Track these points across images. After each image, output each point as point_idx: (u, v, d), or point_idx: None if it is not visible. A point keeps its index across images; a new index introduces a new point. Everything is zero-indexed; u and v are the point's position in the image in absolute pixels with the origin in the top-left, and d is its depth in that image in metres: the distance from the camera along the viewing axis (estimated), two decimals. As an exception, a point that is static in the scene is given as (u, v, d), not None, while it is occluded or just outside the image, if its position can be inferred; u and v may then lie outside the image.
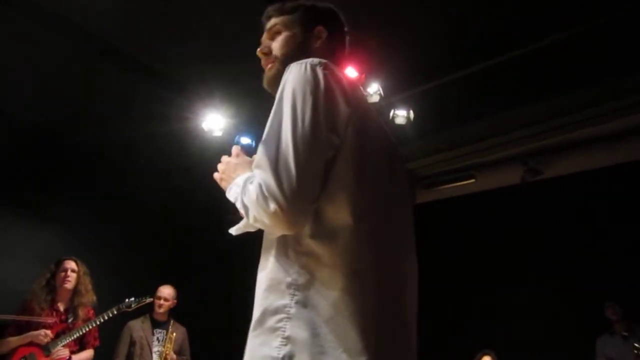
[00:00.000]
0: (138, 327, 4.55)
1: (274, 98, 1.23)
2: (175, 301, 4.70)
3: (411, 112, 4.11)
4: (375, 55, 3.53)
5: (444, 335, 4.65)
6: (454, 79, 3.86)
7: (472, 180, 4.98)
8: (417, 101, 4.11)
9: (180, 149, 5.19)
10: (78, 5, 3.57)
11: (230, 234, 1.42)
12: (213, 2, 3.55)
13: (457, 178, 4.91)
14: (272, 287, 1.13)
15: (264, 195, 1.06)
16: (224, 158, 1.36)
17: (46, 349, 3.74)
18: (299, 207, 1.06)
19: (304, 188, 1.06)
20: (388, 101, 4.08)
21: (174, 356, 4.51)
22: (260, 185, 1.07)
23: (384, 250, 1.17)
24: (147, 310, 4.57)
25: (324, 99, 1.14)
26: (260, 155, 1.12)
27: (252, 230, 1.23)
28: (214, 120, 4.63)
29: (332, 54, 1.43)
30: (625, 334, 4.42)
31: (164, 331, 4.58)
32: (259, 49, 1.46)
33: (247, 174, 1.22)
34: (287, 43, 1.41)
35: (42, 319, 3.76)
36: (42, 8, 3.58)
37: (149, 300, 4.28)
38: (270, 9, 1.48)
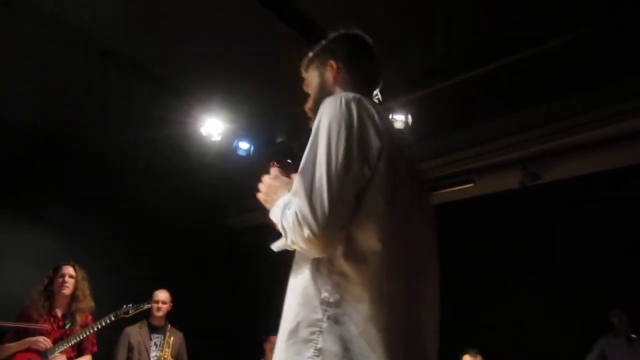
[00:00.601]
0: (135, 332, 4.54)
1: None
2: (171, 304, 4.71)
3: (409, 116, 4.11)
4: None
5: (442, 339, 4.62)
6: (452, 83, 3.86)
7: (471, 185, 4.98)
8: (416, 106, 4.11)
9: (179, 153, 5.20)
10: (77, 8, 3.57)
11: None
12: (213, 7, 3.55)
13: (456, 182, 4.91)
14: (305, 302, 1.24)
15: (299, 222, 1.17)
16: (265, 179, 1.46)
17: (44, 355, 3.72)
18: (329, 234, 1.17)
19: (335, 217, 1.16)
20: (386, 106, 4.08)
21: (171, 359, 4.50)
22: (296, 213, 1.19)
23: (409, 271, 1.26)
24: (144, 315, 4.56)
25: (358, 133, 1.24)
26: (297, 184, 1.23)
27: (291, 249, 1.31)
28: (212, 125, 4.63)
29: (352, 77, 1.53)
30: (633, 336, 4.37)
31: (162, 336, 4.57)
32: (305, 106, 1.60)
33: (287, 197, 1.31)
34: (313, 94, 1.57)
35: (38, 326, 3.74)
36: (42, 10, 3.58)
37: (147, 306, 4.26)
38: (302, 65, 1.64)
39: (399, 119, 4.09)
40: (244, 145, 4.86)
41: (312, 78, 1.59)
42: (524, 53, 3.58)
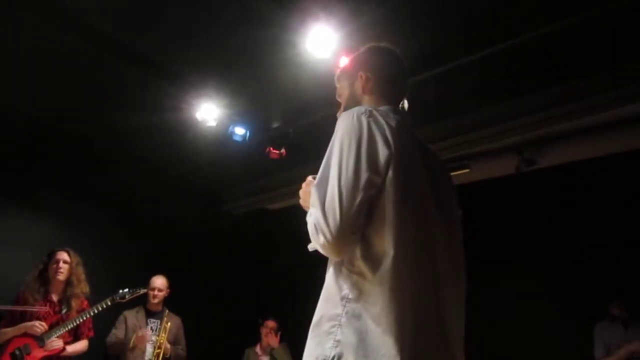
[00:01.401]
0: (132, 316, 4.57)
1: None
2: (168, 290, 4.72)
3: (405, 102, 4.09)
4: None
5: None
6: (448, 69, 3.84)
7: (467, 170, 4.97)
8: (411, 91, 4.09)
9: (174, 139, 5.17)
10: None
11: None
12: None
13: (452, 168, 4.90)
14: (328, 299, 1.38)
15: (316, 230, 1.34)
16: (303, 185, 1.59)
17: (40, 339, 3.74)
18: (342, 240, 1.31)
19: (346, 225, 1.30)
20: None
21: (168, 346, 4.52)
22: (314, 222, 1.35)
23: (423, 271, 1.36)
24: (142, 301, 4.58)
25: (367, 144, 1.36)
26: (314, 195, 1.38)
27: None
28: (207, 111, 4.60)
29: (380, 87, 1.67)
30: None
31: (158, 321, 4.59)
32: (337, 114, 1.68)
33: None
34: (344, 103, 1.72)
35: (36, 308, 3.77)
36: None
37: (142, 291, 4.28)
38: (336, 77, 1.79)
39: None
40: (239, 131, 4.84)
41: (343, 88, 1.74)
42: (520, 38, 3.56)
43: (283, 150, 4.84)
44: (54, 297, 3.98)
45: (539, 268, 4.87)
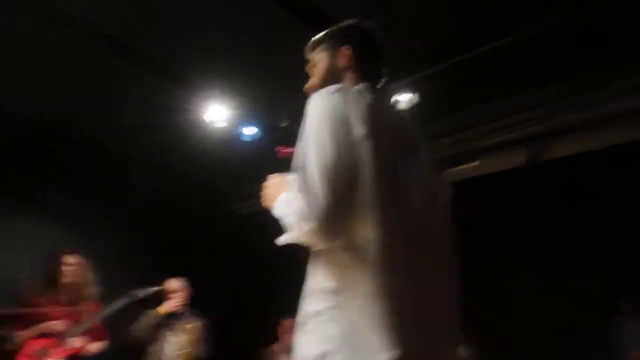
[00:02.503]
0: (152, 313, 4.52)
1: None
2: (186, 290, 4.62)
3: (416, 95, 4.08)
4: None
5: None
6: (457, 62, 3.83)
7: (477, 163, 4.96)
8: (420, 85, 4.09)
9: (182, 140, 5.18)
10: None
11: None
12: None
13: (461, 161, 4.89)
14: (311, 295, 1.34)
15: (302, 217, 1.25)
16: (268, 182, 1.56)
17: (59, 338, 3.72)
18: (329, 225, 1.24)
19: (332, 208, 1.23)
20: (391, 86, 4.05)
21: (189, 347, 4.48)
22: (298, 209, 1.26)
23: (407, 256, 1.30)
24: (164, 301, 4.51)
25: (341, 124, 1.30)
26: (298, 181, 1.31)
27: (295, 242, 1.36)
28: (215, 112, 4.61)
29: (362, 65, 1.59)
30: None
31: (178, 322, 4.54)
32: (305, 86, 1.65)
33: (287, 193, 1.39)
34: (318, 74, 1.62)
35: (51, 309, 3.77)
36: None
37: (156, 289, 4.26)
38: (307, 47, 1.68)
39: (405, 99, 4.06)
40: (248, 131, 4.84)
41: (319, 59, 1.63)
42: (529, 32, 3.55)
43: (292, 149, 4.83)
44: (63, 300, 3.96)
45: (550, 261, 4.85)
